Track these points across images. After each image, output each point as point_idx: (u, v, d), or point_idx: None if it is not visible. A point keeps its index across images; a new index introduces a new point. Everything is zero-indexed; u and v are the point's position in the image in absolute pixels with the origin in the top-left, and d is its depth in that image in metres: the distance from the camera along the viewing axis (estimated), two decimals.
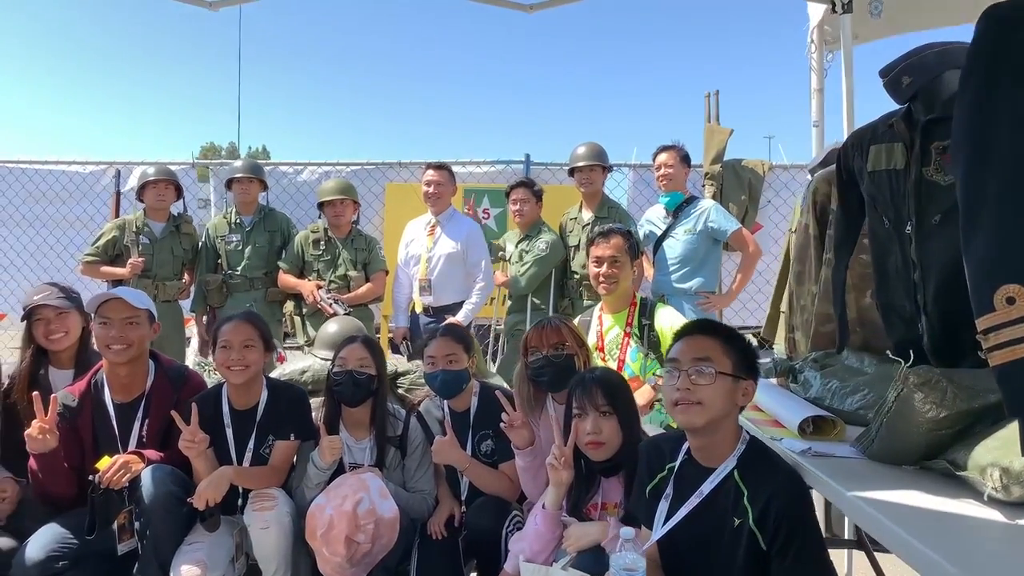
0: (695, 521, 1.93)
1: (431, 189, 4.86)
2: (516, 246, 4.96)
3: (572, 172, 4.86)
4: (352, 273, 4.84)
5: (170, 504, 2.69)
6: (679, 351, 1.96)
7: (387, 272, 5.03)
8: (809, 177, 3.21)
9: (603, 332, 3.37)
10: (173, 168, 5.27)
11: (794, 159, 5.66)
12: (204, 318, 5.06)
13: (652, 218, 4.87)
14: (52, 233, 5.99)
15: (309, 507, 2.74)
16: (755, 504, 1.82)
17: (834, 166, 2.59)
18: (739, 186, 5.42)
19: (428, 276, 4.83)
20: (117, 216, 5.40)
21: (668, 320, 3.26)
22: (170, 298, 4.88)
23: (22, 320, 3.11)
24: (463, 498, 2.99)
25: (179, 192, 5.01)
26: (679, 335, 2.03)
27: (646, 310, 3.31)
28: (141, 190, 4.91)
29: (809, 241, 2.57)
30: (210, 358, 4.75)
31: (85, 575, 2.72)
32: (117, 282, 4.78)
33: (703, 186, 5.45)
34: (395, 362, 3.68)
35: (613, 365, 3.28)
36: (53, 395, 2.76)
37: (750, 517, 1.82)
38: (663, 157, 4.76)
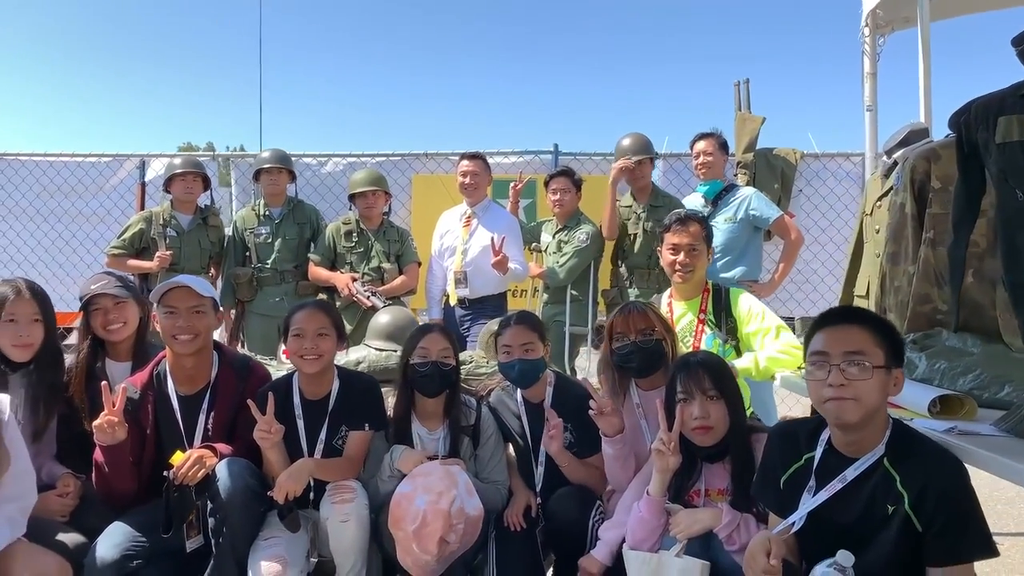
0: (838, 509, 1.86)
1: (467, 180, 4.76)
2: (554, 236, 4.88)
3: None
4: (386, 265, 4.74)
5: (248, 498, 2.59)
6: (827, 343, 1.86)
7: (420, 264, 4.93)
8: (886, 158, 3.17)
9: (674, 319, 3.31)
10: (198, 159, 5.14)
11: (825, 147, 5.64)
12: (232, 312, 4.93)
13: (690, 207, 4.81)
14: (68, 228, 5.83)
15: (392, 495, 2.66)
16: (910, 488, 1.76)
17: (928, 143, 2.55)
18: (771, 175, 5.38)
19: (464, 268, 4.74)
20: (142, 208, 5.27)
21: (746, 305, 3.18)
22: None
23: (79, 311, 2.99)
24: (538, 489, 2.93)
25: (207, 184, 4.89)
26: (823, 323, 1.93)
27: (720, 296, 3.24)
28: (168, 182, 4.80)
29: (906, 220, 2.52)
30: (239, 351, 4.68)
31: (157, 574, 2.62)
32: (143, 276, 4.66)
33: (735, 175, 5.40)
34: None
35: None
36: (121, 385, 2.66)
37: (906, 501, 1.76)
38: (702, 145, 4.70)
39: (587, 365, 5.11)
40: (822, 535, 1.87)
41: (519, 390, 3.00)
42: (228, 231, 4.96)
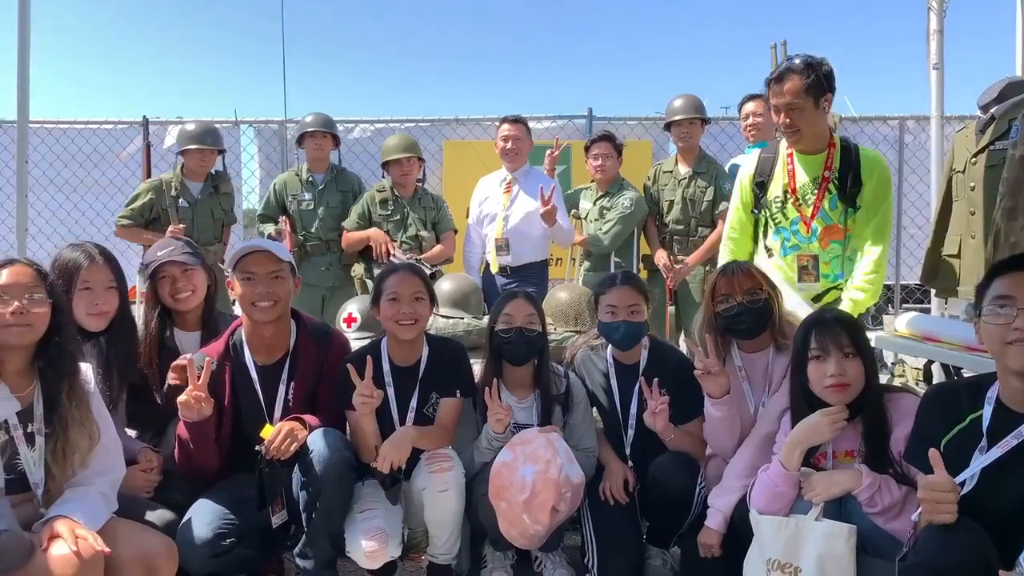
0: (1015, 469, 1.78)
1: (509, 144, 4.61)
2: (595, 203, 4.76)
3: (668, 127, 4.65)
4: (424, 233, 4.58)
5: (344, 471, 2.48)
6: (1012, 287, 1.78)
7: (456, 232, 4.79)
8: (981, 114, 3.09)
9: (794, 173, 3.08)
10: (215, 127, 4.91)
11: (863, 111, 5.57)
12: None
13: (736, 170, 4.71)
14: (83, 198, 5.61)
15: (492, 465, 2.56)
16: None
17: None
18: None
19: (505, 235, 4.61)
20: (149, 173, 5.03)
21: (878, 178, 2.97)
22: (213, 263, 4.57)
23: (148, 279, 2.83)
24: (627, 453, 2.85)
25: (221, 153, 4.70)
26: (1005, 268, 1.84)
27: (851, 154, 3.01)
28: (183, 150, 4.56)
29: None
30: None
31: (248, 550, 2.51)
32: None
33: (774, 138, 5.31)
34: None
35: (807, 211, 3.05)
36: (207, 359, 2.51)
37: None
38: (751, 106, 4.60)
39: None
40: (997, 498, 1.79)
41: (610, 351, 2.90)
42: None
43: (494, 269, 4.70)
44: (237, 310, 2.93)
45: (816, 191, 3.01)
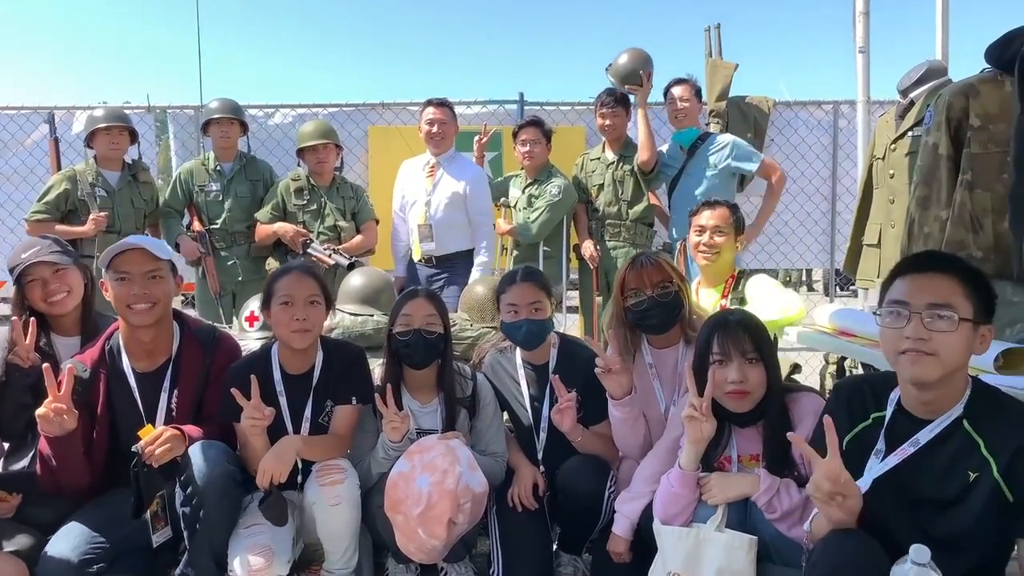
0: (911, 475, 1.69)
1: (434, 128, 4.43)
2: (523, 191, 4.61)
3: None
4: (342, 223, 4.39)
5: (228, 486, 2.31)
6: (909, 292, 1.66)
7: (378, 222, 4.59)
8: (901, 99, 3.00)
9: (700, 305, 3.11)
10: (123, 110, 4.62)
11: (799, 95, 5.48)
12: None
13: (664, 156, 4.60)
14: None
15: (389, 475, 2.40)
16: (999, 453, 1.60)
17: (968, 78, 2.38)
18: (744, 124, 5.18)
19: (428, 221, 4.44)
20: (59, 166, 4.70)
21: (755, 286, 2.99)
22: None
23: (14, 283, 2.60)
24: (540, 457, 2.71)
25: (133, 138, 4.40)
26: (904, 269, 1.72)
27: (740, 282, 3.05)
28: (90, 136, 4.28)
29: (939, 162, 2.34)
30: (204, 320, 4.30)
31: (124, 575, 2.32)
32: (73, 242, 4.20)
33: (707, 124, 5.20)
34: None
35: None
36: (68, 365, 2.30)
37: (994, 468, 1.59)
38: (678, 91, 4.49)
39: (562, 324, 4.89)
40: (893, 501, 1.70)
41: (519, 352, 2.76)
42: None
43: (416, 257, 4.54)
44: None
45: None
